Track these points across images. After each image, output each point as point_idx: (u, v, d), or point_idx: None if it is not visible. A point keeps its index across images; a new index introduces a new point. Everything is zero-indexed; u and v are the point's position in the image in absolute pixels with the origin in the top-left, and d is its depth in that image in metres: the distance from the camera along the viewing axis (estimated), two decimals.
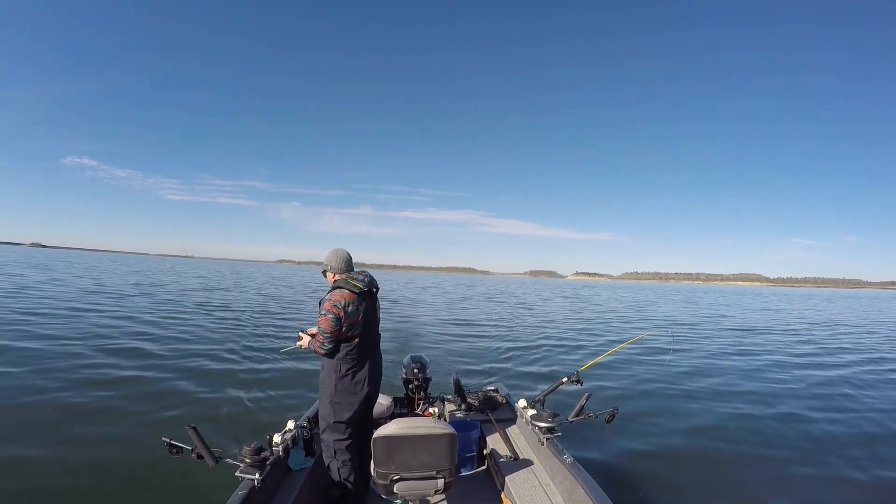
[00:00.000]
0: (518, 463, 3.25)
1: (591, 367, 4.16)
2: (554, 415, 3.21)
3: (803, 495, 4.14)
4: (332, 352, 2.71)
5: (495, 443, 3.56)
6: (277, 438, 2.87)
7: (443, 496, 2.96)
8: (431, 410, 3.97)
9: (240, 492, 2.29)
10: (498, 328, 14.61)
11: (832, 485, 4.35)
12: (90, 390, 6.03)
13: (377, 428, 2.38)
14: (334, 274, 2.88)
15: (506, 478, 3.07)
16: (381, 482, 2.34)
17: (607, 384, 7.55)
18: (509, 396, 4.30)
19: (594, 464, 4.23)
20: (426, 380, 4.14)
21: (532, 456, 3.32)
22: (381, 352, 3.06)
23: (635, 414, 6.05)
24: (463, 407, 4.13)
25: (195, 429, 2.35)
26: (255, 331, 11.49)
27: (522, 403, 3.69)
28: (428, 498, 2.52)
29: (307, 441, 3.08)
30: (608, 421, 3.04)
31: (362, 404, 2.82)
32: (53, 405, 5.43)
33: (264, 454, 2.48)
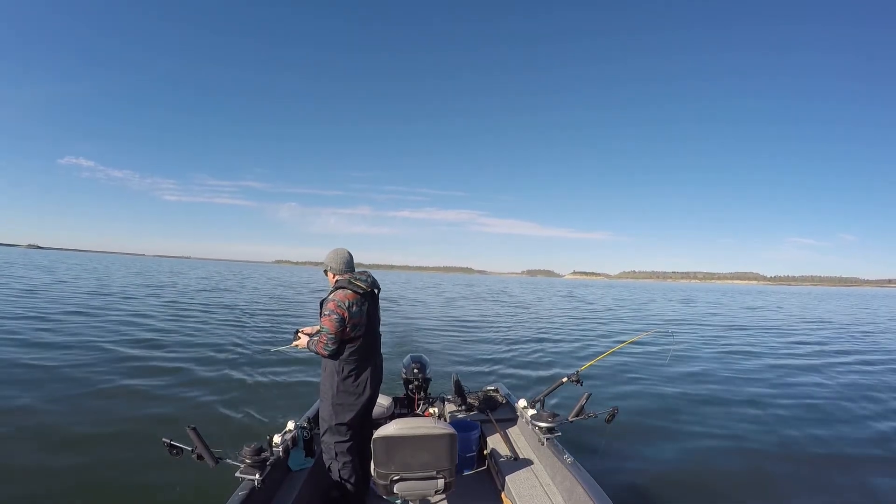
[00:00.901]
0: (518, 463, 3.25)
1: (592, 367, 4.16)
2: (554, 415, 3.21)
3: (806, 496, 4.15)
4: (336, 353, 2.68)
5: (495, 443, 3.56)
6: (277, 439, 2.87)
7: (443, 496, 2.96)
8: (431, 410, 3.97)
9: (240, 492, 2.29)
10: (497, 328, 14.60)
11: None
12: (89, 390, 6.03)
13: (377, 428, 2.38)
14: (335, 274, 2.86)
15: (506, 478, 3.07)
16: (382, 482, 2.34)
17: (607, 384, 7.55)
18: (509, 396, 4.29)
19: (594, 464, 4.22)
20: (426, 380, 4.13)
21: (532, 456, 3.31)
22: (382, 352, 3.06)
23: (635, 414, 6.05)
24: (463, 407, 4.12)
25: (195, 429, 2.34)
26: (256, 330, 11.49)
27: (522, 403, 3.69)
28: (428, 498, 2.52)
29: (307, 442, 3.08)
30: (608, 421, 3.04)
31: (364, 406, 2.81)
32: (53, 405, 5.43)
33: (264, 455, 2.47)
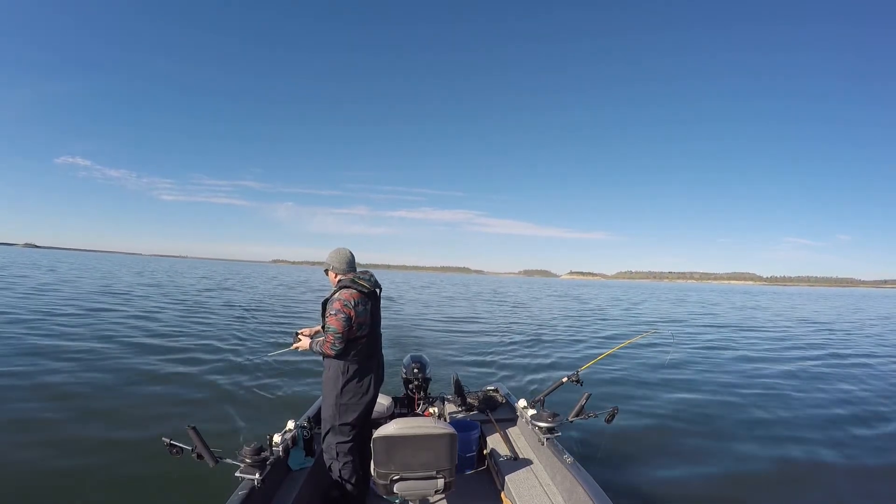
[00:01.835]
0: (518, 463, 3.24)
1: (592, 367, 4.16)
2: (554, 415, 3.20)
3: (810, 497, 4.15)
4: (343, 352, 2.67)
5: (495, 443, 3.56)
6: (277, 438, 2.86)
7: (443, 496, 2.96)
8: (431, 410, 3.96)
9: (240, 492, 2.29)
10: (497, 328, 14.61)
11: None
12: (89, 390, 6.03)
13: (377, 428, 2.38)
14: (337, 274, 2.85)
15: (506, 478, 3.07)
16: (382, 482, 2.34)
17: (607, 384, 7.55)
18: (509, 396, 4.29)
19: (594, 464, 4.23)
20: (426, 380, 4.13)
21: (532, 456, 3.31)
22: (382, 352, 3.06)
23: (635, 414, 6.05)
24: (463, 407, 4.12)
25: (195, 429, 2.34)
26: (256, 330, 11.49)
27: (522, 403, 3.68)
28: (428, 498, 2.52)
29: (307, 441, 3.07)
30: (608, 421, 3.04)
31: (367, 406, 2.81)
32: (51, 405, 5.43)
33: (264, 454, 2.47)
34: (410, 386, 4.14)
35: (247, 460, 2.40)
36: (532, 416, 3.31)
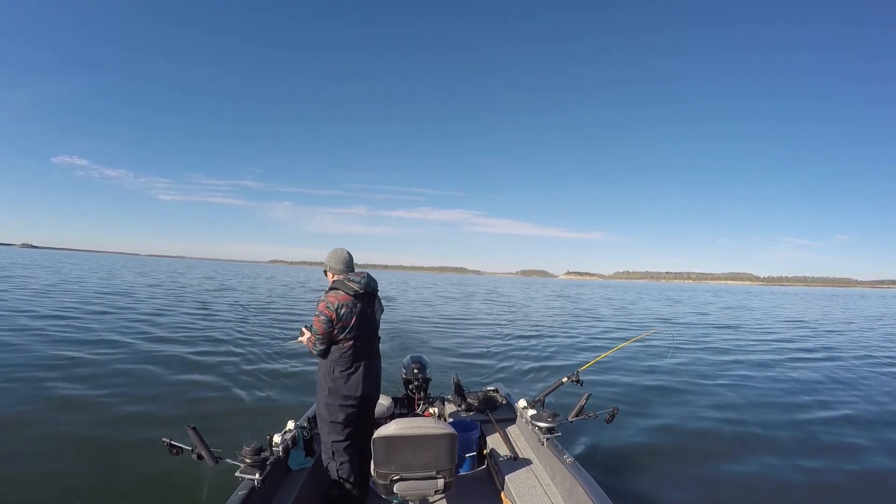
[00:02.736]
0: (518, 463, 3.24)
1: (592, 367, 4.16)
2: (554, 415, 3.20)
3: (807, 496, 4.15)
4: (324, 353, 2.71)
5: (495, 443, 3.56)
6: (277, 438, 2.86)
7: (443, 496, 2.96)
8: (431, 410, 3.96)
9: (240, 492, 2.29)
10: (496, 328, 14.60)
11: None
12: (88, 390, 6.03)
13: (377, 428, 2.38)
14: (334, 274, 2.86)
15: (506, 478, 3.07)
16: (382, 482, 2.34)
17: (607, 384, 7.54)
18: (509, 396, 4.29)
19: (594, 464, 4.24)
20: (426, 380, 4.13)
21: (532, 456, 3.31)
22: (381, 352, 3.04)
23: (635, 414, 6.05)
24: (463, 407, 4.12)
25: (195, 429, 2.35)
26: (257, 330, 11.48)
27: (522, 403, 3.68)
28: (428, 498, 2.51)
29: (307, 441, 3.07)
30: (608, 421, 3.04)
31: (358, 406, 2.80)
32: (50, 404, 5.43)
33: (264, 454, 2.47)
34: (410, 386, 4.14)
35: (247, 460, 2.40)
36: (532, 417, 3.31)
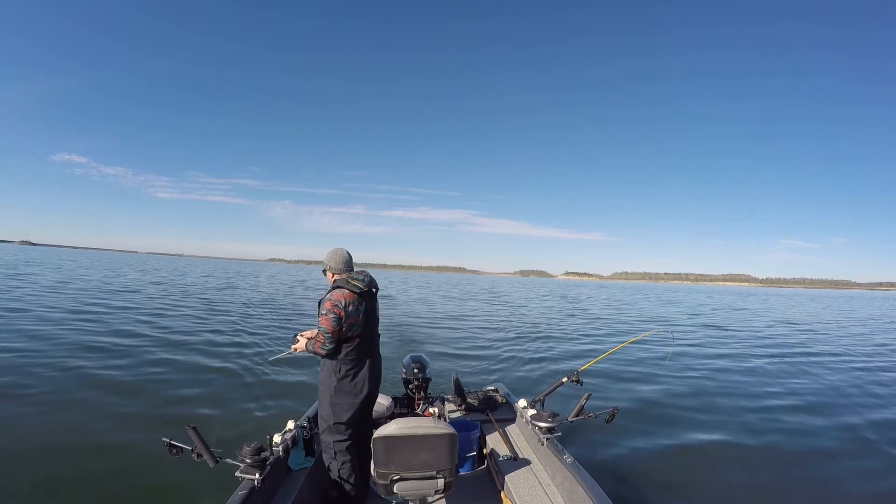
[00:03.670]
0: (518, 463, 3.25)
1: (592, 367, 4.16)
2: (554, 415, 3.20)
3: (809, 496, 4.16)
4: (333, 352, 2.70)
5: (495, 443, 3.56)
6: (277, 438, 2.86)
7: (443, 496, 2.96)
8: (431, 410, 3.97)
9: (240, 492, 2.29)
10: (497, 328, 14.60)
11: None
12: (88, 390, 6.02)
13: (377, 428, 2.38)
14: (334, 274, 2.86)
15: (506, 477, 3.07)
16: (382, 482, 2.34)
17: (607, 384, 7.55)
18: (509, 396, 4.29)
19: (594, 464, 4.23)
20: (426, 380, 4.13)
21: (532, 456, 3.31)
22: (381, 352, 3.05)
23: (635, 414, 6.05)
24: (463, 407, 4.12)
25: (195, 429, 2.35)
26: (257, 330, 11.47)
27: (522, 403, 3.69)
28: (428, 498, 2.51)
29: (307, 441, 3.08)
30: (608, 421, 3.04)
31: (362, 405, 2.81)
32: (50, 404, 5.42)
33: (264, 454, 2.47)
34: (410, 386, 4.14)
35: (247, 460, 2.40)
36: (532, 416, 3.31)
